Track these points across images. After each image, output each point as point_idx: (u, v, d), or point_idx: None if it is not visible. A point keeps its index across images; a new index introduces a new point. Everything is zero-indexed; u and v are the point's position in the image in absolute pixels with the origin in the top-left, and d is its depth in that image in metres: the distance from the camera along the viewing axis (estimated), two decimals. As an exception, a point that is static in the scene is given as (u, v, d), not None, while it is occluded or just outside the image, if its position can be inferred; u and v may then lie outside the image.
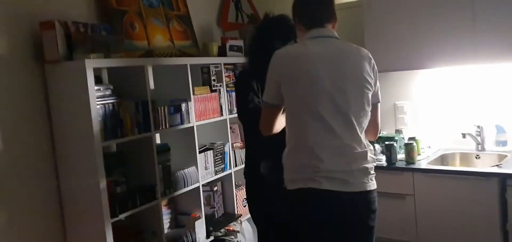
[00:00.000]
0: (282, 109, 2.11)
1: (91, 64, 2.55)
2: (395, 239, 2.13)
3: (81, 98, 2.55)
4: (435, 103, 3.37)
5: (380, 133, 2.23)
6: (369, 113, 2.05)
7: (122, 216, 2.72)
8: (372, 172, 2.02)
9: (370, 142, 2.10)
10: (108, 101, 2.70)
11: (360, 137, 2.01)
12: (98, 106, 2.60)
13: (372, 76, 2.05)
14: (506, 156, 2.93)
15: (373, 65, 2.07)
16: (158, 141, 3.21)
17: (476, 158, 3.12)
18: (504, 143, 3.07)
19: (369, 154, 2.02)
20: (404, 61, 3.14)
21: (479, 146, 3.13)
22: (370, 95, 2.04)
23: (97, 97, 2.61)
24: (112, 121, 2.69)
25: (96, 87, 2.61)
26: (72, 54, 2.63)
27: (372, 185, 2.00)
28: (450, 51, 2.95)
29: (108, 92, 2.73)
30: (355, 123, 1.98)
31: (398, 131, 3.39)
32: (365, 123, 2.03)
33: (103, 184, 2.59)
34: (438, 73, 3.33)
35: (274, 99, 2.07)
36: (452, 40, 2.93)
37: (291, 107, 2.02)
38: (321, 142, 1.95)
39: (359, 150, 1.98)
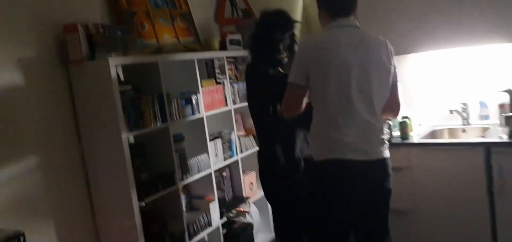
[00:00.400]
0: (307, 91, 2.35)
1: (113, 62, 2.77)
2: (396, 208, 2.43)
3: (106, 94, 2.77)
4: (424, 85, 3.68)
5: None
6: (388, 94, 2.34)
7: (147, 201, 2.96)
8: (386, 142, 2.33)
9: (392, 119, 2.38)
10: (130, 96, 2.92)
11: (378, 115, 2.31)
12: (121, 101, 2.82)
13: (390, 60, 2.34)
14: (489, 128, 3.26)
15: (390, 50, 2.35)
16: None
17: (462, 131, 3.44)
18: (486, 117, 3.39)
19: (384, 128, 2.33)
20: (394, 47, 3.40)
21: (465, 121, 3.45)
22: (389, 78, 2.34)
23: (120, 92, 2.83)
24: (134, 114, 2.92)
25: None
26: (94, 54, 2.85)
27: (387, 153, 2.32)
28: (437, 36, 3.23)
29: (128, 87, 2.96)
30: (375, 104, 2.28)
31: (391, 111, 3.69)
32: (383, 103, 2.33)
33: (131, 172, 2.82)
34: (426, 56, 3.63)
35: (303, 80, 2.27)
36: (438, 25, 3.21)
37: (321, 89, 2.24)
38: (348, 120, 2.22)
39: (378, 126, 2.29)
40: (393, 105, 2.40)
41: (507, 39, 3.07)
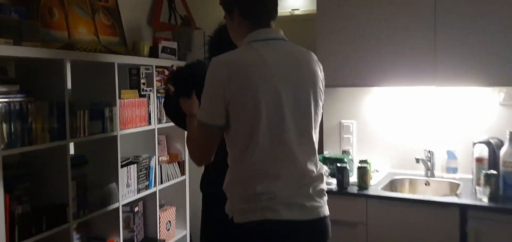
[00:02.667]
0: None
1: (-5, 51, 2.02)
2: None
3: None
4: (383, 125, 3.17)
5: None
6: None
7: (24, 243, 2.19)
8: (326, 194, 1.77)
9: None
10: (14, 99, 2.17)
11: (317, 158, 1.75)
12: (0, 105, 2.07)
13: (323, 84, 1.79)
14: (459, 184, 2.77)
15: (322, 71, 1.80)
16: (73, 151, 2.69)
17: (425, 184, 2.95)
18: (454, 170, 2.91)
19: (323, 175, 1.77)
20: (356, 77, 2.91)
21: (429, 172, 2.97)
22: (321, 107, 1.78)
23: (0, 94, 2.08)
24: (18, 124, 2.16)
25: (-1, 83, 2.09)
26: (-32, 38, 2.09)
27: (327, 209, 1.75)
28: (409, 71, 2.74)
29: (14, 88, 2.21)
30: (313, 141, 1.72)
31: (345, 152, 3.14)
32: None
33: (0, 198, 2.06)
34: (388, 92, 3.13)
35: (220, 119, 1.63)
36: (411, 59, 2.73)
37: (246, 130, 1.62)
38: (282, 168, 1.63)
39: (316, 173, 1.71)
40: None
41: (488, 83, 2.63)
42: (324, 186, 1.76)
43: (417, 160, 2.94)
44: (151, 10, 3.71)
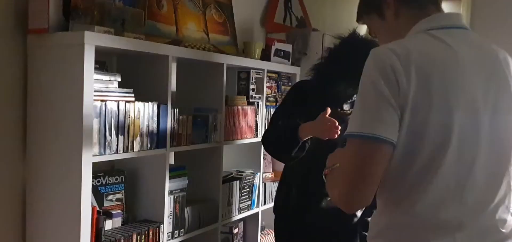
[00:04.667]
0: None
1: (93, 39, 1.74)
2: None
3: (72, 86, 1.75)
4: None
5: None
6: None
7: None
8: None
9: None
10: (112, 97, 1.88)
11: (510, 201, 1.20)
12: (96, 103, 1.79)
13: None
14: None
15: None
16: (171, 161, 2.39)
17: None
18: None
19: None
20: None
21: None
22: None
23: (97, 91, 1.80)
24: (114, 127, 1.87)
25: (96, 75, 1.80)
26: (68, 24, 1.84)
27: None
28: None
29: (113, 85, 1.92)
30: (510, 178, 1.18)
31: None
32: None
33: (88, 216, 1.77)
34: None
35: (391, 131, 1.04)
36: None
37: (419, 152, 1.08)
38: (465, 214, 1.12)
39: (507, 225, 1.17)
40: None
41: None
42: None
43: None
44: (265, 9, 3.36)
